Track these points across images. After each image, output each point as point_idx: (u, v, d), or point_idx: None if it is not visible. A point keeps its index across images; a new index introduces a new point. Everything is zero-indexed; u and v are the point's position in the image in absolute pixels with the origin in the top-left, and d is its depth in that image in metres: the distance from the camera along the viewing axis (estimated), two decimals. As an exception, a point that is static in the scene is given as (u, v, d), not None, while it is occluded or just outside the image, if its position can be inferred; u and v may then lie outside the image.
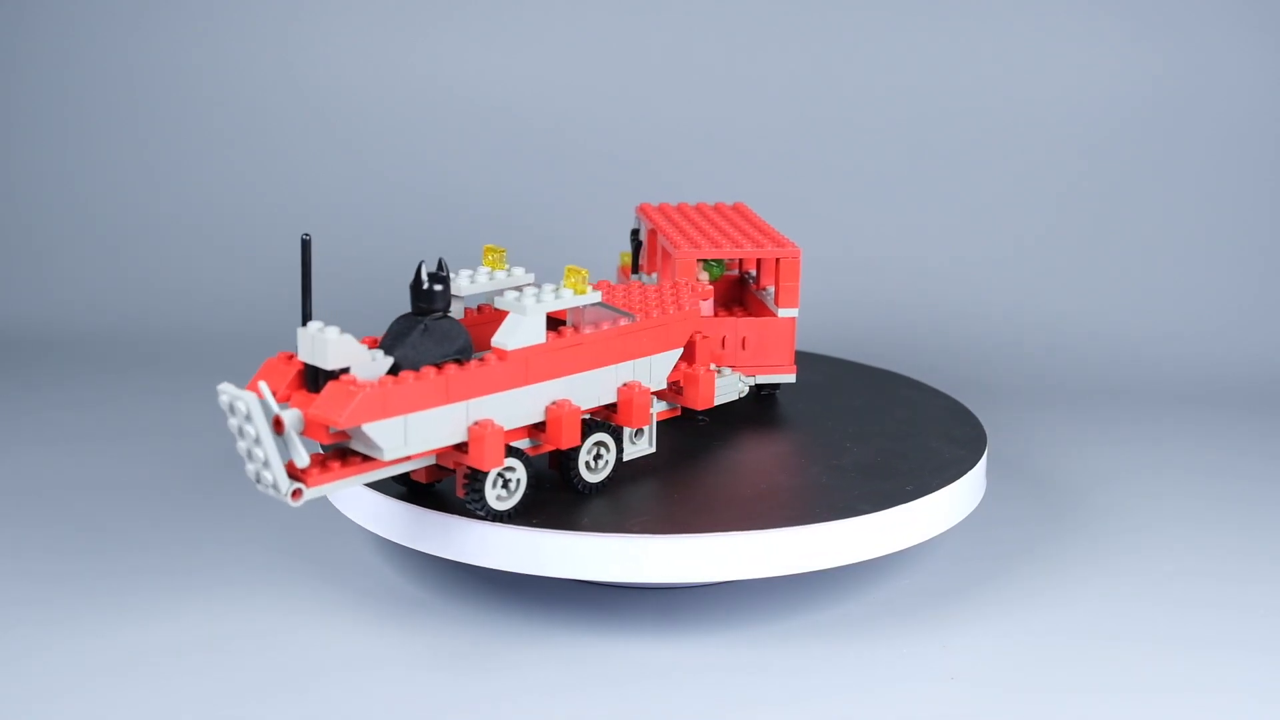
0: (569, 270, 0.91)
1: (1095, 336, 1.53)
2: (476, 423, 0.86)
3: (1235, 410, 1.38)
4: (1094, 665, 0.90)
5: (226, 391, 0.80)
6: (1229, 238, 1.61)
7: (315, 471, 0.83)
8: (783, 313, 1.06)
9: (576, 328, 0.92)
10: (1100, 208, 1.63)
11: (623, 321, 0.93)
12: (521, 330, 0.88)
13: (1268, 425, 1.34)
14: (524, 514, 0.90)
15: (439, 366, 0.85)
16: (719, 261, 1.12)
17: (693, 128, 1.68)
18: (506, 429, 0.88)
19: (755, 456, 1.00)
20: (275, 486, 0.81)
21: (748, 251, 1.05)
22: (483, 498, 0.87)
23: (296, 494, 0.82)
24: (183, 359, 1.49)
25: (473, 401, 0.86)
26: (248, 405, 0.79)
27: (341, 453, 0.85)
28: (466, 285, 0.91)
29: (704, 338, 1.00)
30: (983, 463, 1.01)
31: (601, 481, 0.94)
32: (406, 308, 1.60)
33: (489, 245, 0.94)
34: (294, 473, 0.82)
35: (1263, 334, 1.52)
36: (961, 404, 1.13)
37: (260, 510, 1.12)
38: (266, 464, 0.80)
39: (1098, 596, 0.99)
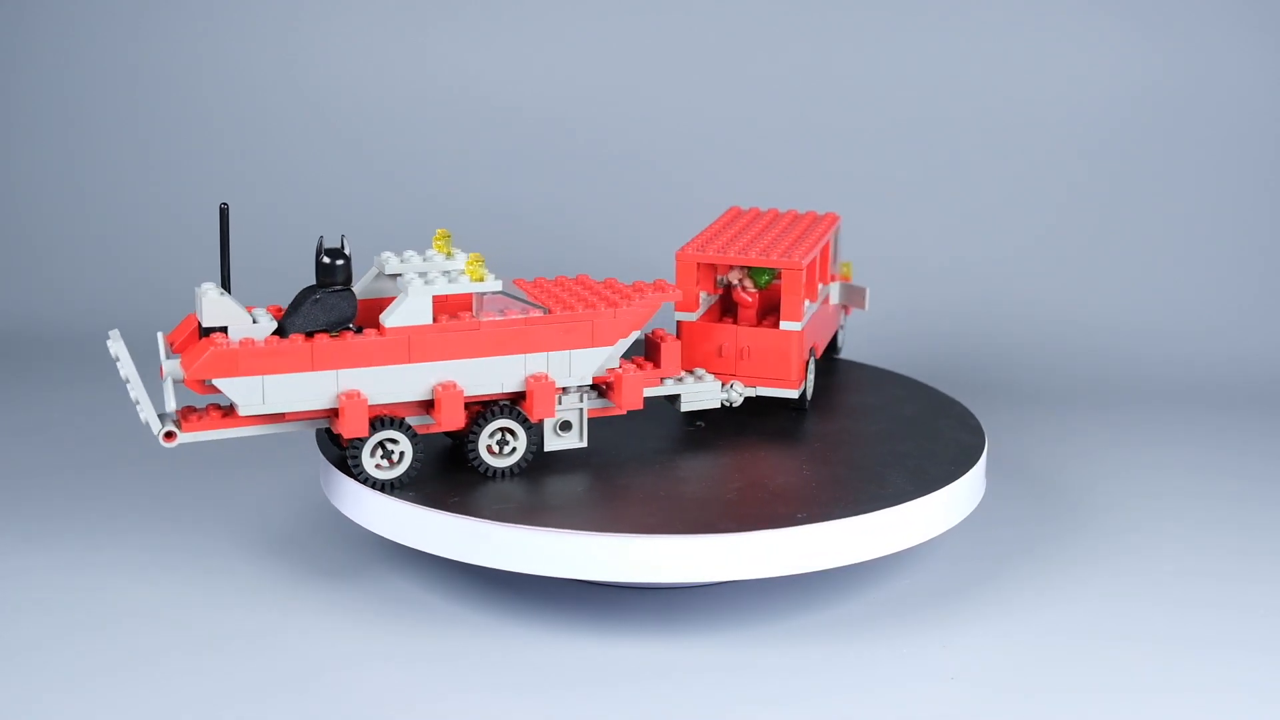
0: (471, 258, 0.94)
1: (1096, 336, 1.53)
2: (344, 392, 0.90)
3: (1235, 410, 1.38)
4: (1094, 665, 0.90)
5: (111, 337, 0.90)
6: (1229, 238, 1.60)
7: (193, 419, 0.92)
8: (783, 325, 1.05)
9: (472, 314, 0.94)
10: (1100, 208, 1.63)
11: (532, 313, 0.94)
12: (403, 309, 0.91)
13: (1268, 425, 1.34)
14: (524, 514, 0.90)
15: (309, 335, 0.90)
16: (768, 270, 1.07)
17: (696, 127, 1.68)
18: (378, 402, 0.91)
19: (755, 456, 1.00)
20: (148, 425, 0.90)
21: (752, 259, 1.04)
22: (359, 463, 0.92)
23: (169, 436, 0.91)
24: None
25: (344, 372, 0.90)
26: (117, 350, 0.91)
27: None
28: (393, 264, 0.95)
29: (671, 340, 1.00)
30: (983, 463, 1.01)
31: (512, 468, 0.95)
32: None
33: (441, 229, 0.97)
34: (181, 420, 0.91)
35: (1263, 334, 1.52)
36: (961, 404, 1.13)
37: (260, 510, 1.12)
38: (138, 404, 0.90)
39: (1098, 596, 0.99)
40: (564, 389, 0.96)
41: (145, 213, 1.67)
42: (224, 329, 0.90)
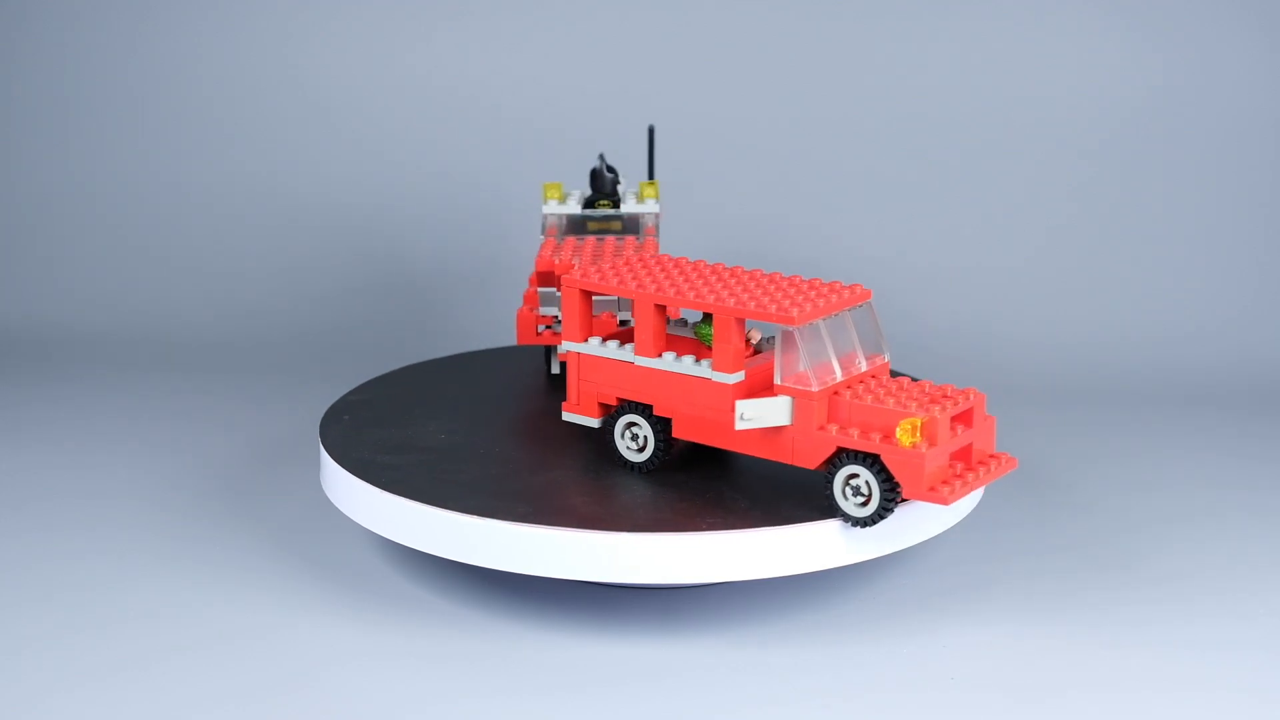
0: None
1: (1096, 337, 1.53)
2: None
3: (1236, 411, 1.38)
4: (1094, 665, 0.90)
5: None
6: (1230, 238, 1.60)
7: None
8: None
9: None
10: (1101, 209, 1.63)
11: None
12: None
13: (1268, 426, 1.34)
14: (524, 514, 0.90)
15: None
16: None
17: (699, 127, 1.68)
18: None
19: (752, 457, 1.00)
20: None
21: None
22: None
23: None
24: (183, 359, 1.49)
25: None
26: None
27: None
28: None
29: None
30: (983, 463, 1.01)
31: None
32: (409, 310, 1.60)
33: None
34: None
35: (1264, 334, 1.52)
36: (961, 404, 1.13)
37: (260, 510, 1.12)
38: None
39: (1098, 596, 0.99)
40: None
41: (146, 213, 1.67)
42: None
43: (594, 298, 1.00)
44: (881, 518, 0.88)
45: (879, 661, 0.90)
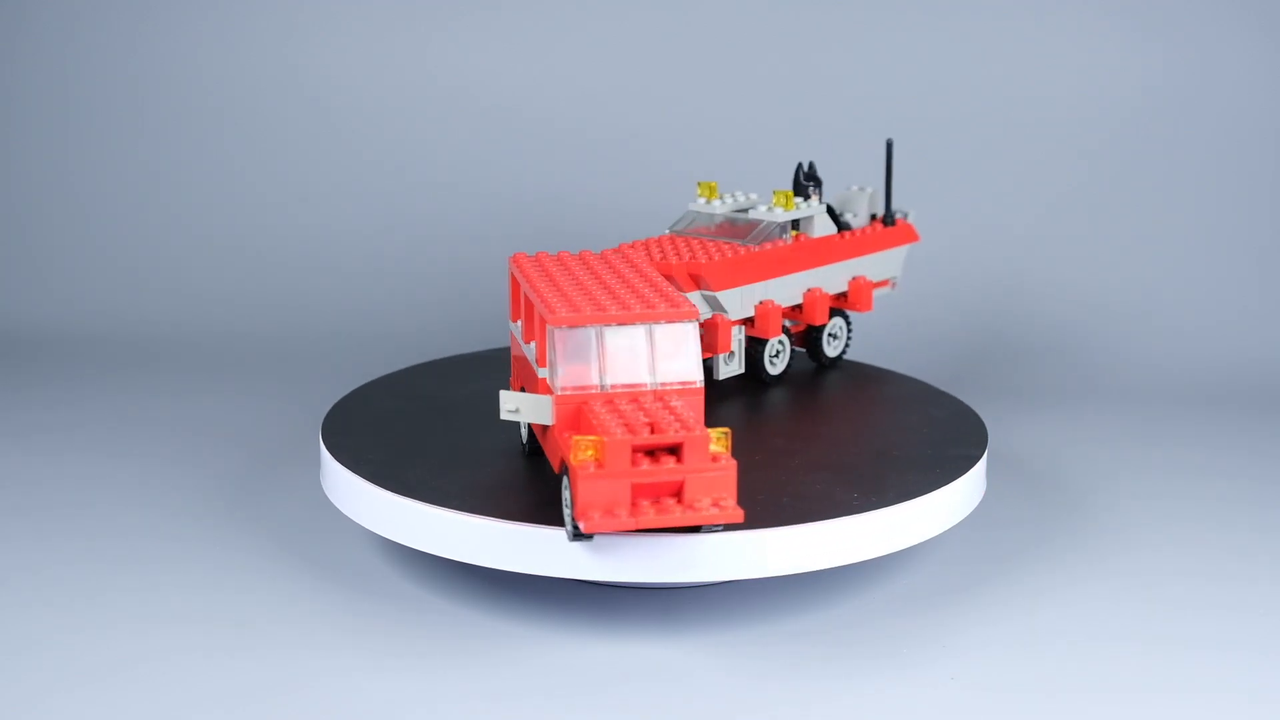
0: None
1: (1096, 336, 1.53)
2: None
3: (1235, 410, 1.38)
4: (1093, 665, 0.90)
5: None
6: (1230, 238, 1.61)
7: None
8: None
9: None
10: (1101, 208, 1.63)
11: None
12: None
13: (1268, 426, 1.34)
14: (524, 514, 0.90)
15: None
16: None
17: (699, 125, 1.68)
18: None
19: (754, 456, 1.00)
20: None
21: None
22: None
23: None
24: (183, 359, 1.49)
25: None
26: None
27: None
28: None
29: None
30: (983, 463, 1.01)
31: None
32: (409, 311, 1.60)
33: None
34: None
35: (1263, 334, 1.52)
36: (963, 403, 1.13)
37: (260, 510, 1.12)
38: None
39: (1097, 596, 0.99)
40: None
41: (147, 213, 1.67)
42: None
43: None
44: (580, 536, 0.83)
45: (879, 661, 0.90)
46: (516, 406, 0.87)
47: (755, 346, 1.14)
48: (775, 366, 1.15)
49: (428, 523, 0.91)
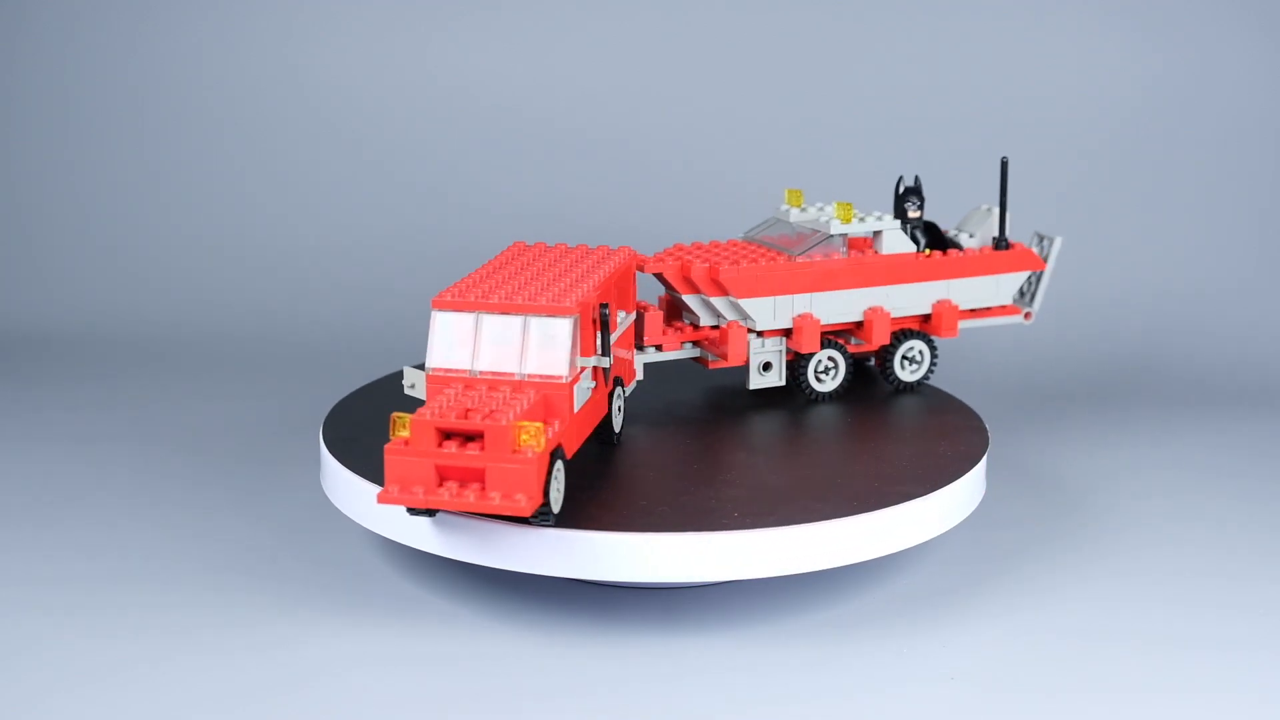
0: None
1: (1095, 336, 1.53)
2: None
3: (1235, 410, 1.38)
4: (1093, 665, 0.90)
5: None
6: (1230, 238, 1.61)
7: None
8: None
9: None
10: (1101, 208, 1.63)
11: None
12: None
13: (1268, 426, 1.34)
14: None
15: None
16: None
17: (700, 124, 1.68)
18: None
19: (754, 456, 1.00)
20: None
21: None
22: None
23: None
24: (183, 359, 1.49)
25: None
26: None
27: None
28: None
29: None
30: (983, 463, 1.01)
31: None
32: (410, 311, 1.60)
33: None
34: None
35: (1263, 334, 1.52)
36: (963, 403, 1.13)
37: (260, 510, 1.12)
38: None
39: (1097, 596, 0.99)
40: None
41: (147, 213, 1.67)
42: None
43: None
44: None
45: (879, 661, 0.90)
46: (413, 382, 0.94)
47: (803, 361, 1.09)
48: (823, 383, 1.10)
49: (428, 523, 0.91)
